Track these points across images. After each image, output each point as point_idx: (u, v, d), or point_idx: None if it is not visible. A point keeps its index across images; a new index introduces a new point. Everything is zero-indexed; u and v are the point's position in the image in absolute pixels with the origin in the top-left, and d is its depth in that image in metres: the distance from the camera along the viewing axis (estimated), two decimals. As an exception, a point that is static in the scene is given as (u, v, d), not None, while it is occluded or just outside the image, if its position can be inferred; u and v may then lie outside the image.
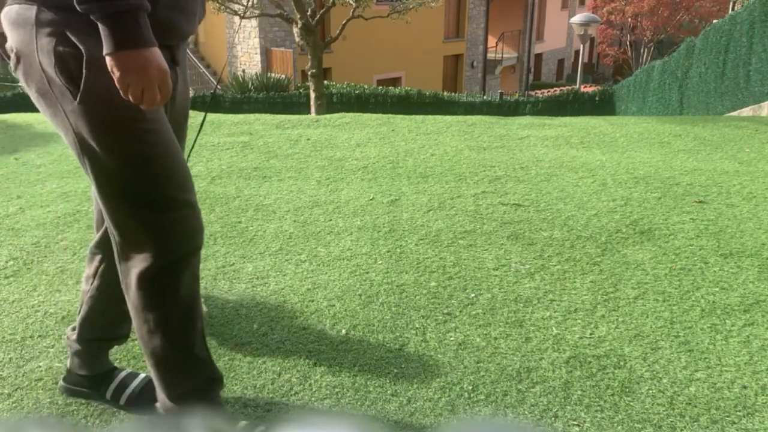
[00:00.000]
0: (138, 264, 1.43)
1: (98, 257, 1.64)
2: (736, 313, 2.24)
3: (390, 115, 6.03)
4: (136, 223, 1.40)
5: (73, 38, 1.27)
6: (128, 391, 1.73)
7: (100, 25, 1.20)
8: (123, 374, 1.77)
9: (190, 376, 1.54)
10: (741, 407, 1.75)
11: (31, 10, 1.29)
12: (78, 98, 1.29)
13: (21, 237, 2.97)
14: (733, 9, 13.90)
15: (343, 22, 11.52)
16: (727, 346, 2.04)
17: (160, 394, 1.56)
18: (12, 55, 1.35)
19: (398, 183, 3.80)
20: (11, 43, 1.35)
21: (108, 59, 1.21)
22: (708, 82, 10.33)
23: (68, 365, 1.78)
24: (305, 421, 0.41)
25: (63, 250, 2.82)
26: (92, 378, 1.75)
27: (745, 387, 1.84)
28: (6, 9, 1.35)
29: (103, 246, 1.61)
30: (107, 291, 1.63)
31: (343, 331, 2.14)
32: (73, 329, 1.73)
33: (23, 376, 1.89)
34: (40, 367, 1.94)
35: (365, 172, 4.06)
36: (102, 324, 1.69)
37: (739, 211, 3.27)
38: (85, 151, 1.36)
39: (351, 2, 11.37)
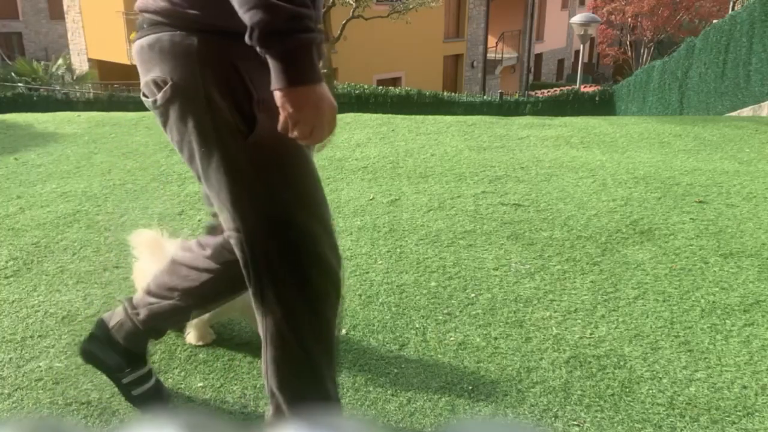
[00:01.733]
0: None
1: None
2: (736, 313, 2.24)
3: (390, 115, 6.03)
4: (274, 249, 1.34)
5: (243, 73, 1.21)
6: (146, 386, 1.69)
7: (272, 60, 1.12)
8: (148, 368, 1.73)
9: None
10: (741, 407, 1.75)
11: (191, 39, 1.20)
12: (250, 137, 1.23)
13: (21, 237, 2.97)
14: (733, 9, 13.90)
15: (343, 22, 11.52)
16: (727, 346, 2.04)
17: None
18: (166, 88, 1.24)
19: (398, 183, 3.80)
20: (163, 75, 1.24)
21: (279, 94, 1.14)
22: (708, 82, 10.33)
23: (104, 328, 1.67)
24: (305, 421, 0.41)
25: (63, 250, 2.82)
26: (129, 354, 1.67)
27: (745, 387, 1.84)
28: (153, 37, 1.24)
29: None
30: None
31: (343, 331, 2.14)
32: (134, 308, 1.64)
33: (23, 376, 1.89)
34: (40, 367, 1.94)
35: (365, 172, 4.06)
36: (177, 322, 1.69)
37: (739, 211, 3.27)
38: (242, 187, 1.28)
39: (351, 2, 11.37)
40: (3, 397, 1.80)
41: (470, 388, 1.84)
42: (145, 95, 1.32)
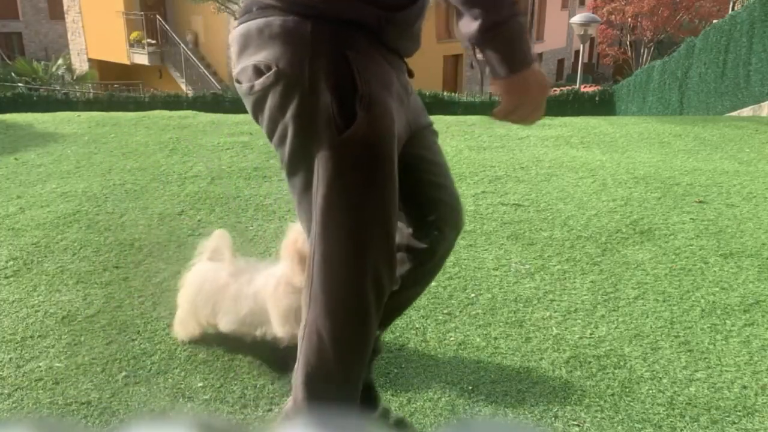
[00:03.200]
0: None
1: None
2: (736, 313, 2.24)
3: (390, 115, 6.02)
4: (340, 245, 1.31)
5: (353, 64, 1.17)
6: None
7: (493, 51, 1.12)
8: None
9: None
10: (741, 407, 1.75)
11: (305, 25, 1.16)
12: (345, 133, 1.20)
13: (21, 237, 2.97)
14: (733, 9, 13.90)
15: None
16: (727, 346, 2.04)
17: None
18: (270, 73, 1.19)
19: (398, 183, 3.80)
20: (268, 60, 1.19)
21: (504, 82, 1.15)
22: (708, 82, 10.33)
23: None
24: (306, 421, 0.41)
25: (63, 250, 2.82)
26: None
27: (745, 387, 1.84)
28: (262, 21, 1.19)
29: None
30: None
31: (343, 331, 2.13)
32: None
33: (23, 376, 1.89)
34: (40, 367, 1.94)
35: (365, 172, 4.06)
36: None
37: (739, 211, 3.27)
38: (322, 182, 1.25)
39: (351, 2, 11.37)
40: (3, 397, 1.80)
41: (470, 388, 1.84)
42: (238, 81, 1.27)
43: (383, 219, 1.29)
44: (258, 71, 1.21)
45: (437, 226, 1.50)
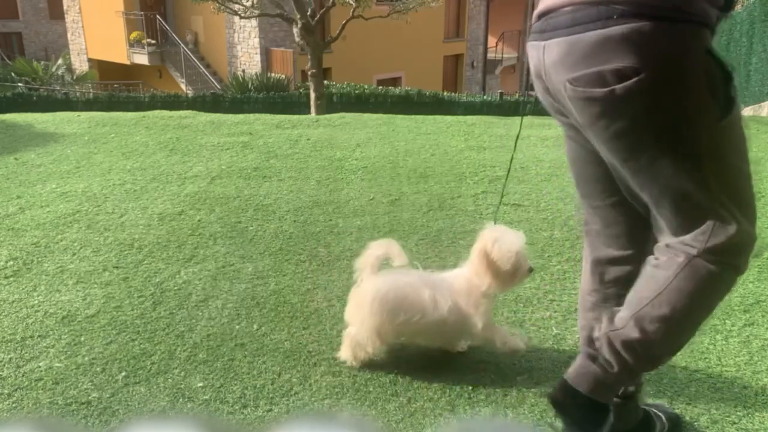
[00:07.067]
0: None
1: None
2: (736, 313, 2.24)
3: (390, 115, 6.03)
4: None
5: (717, 58, 1.25)
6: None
7: None
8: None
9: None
10: (741, 407, 1.75)
11: (676, 28, 1.23)
12: (723, 120, 1.28)
13: (21, 237, 2.97)
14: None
15: (343, 22, 11.51)
16: (727, 346, 2.04)
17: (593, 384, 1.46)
18: (640, 77, 1.23)
19: (398, 183, 3.80)
20: (636, 64, 1.23)
21: None
22: (708, 82, 10.31)
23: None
24: (305, 421, 0.41)
25: (63, 250, 2.82)
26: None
27: (745, 387, 1.84)
28: (624, 28, 1.23)
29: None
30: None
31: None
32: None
33: (23, 376, 1.89)
34: (40, 367, 1.94)
35: (365, 172, 4.06)
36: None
37: (739, 211, 3.26)
38: (708, 172, 1.31)
39: (351, 2, 11.36)
40: (3, 397, 1.80)
41: (470, 388, 1.84)
42: (587, 86, 1.30)
43: (750, 189, 1.40)
44: (620, 76, 1.25)
45: None
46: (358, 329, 1.89)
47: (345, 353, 1.93)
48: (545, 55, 1.36)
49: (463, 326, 1.87)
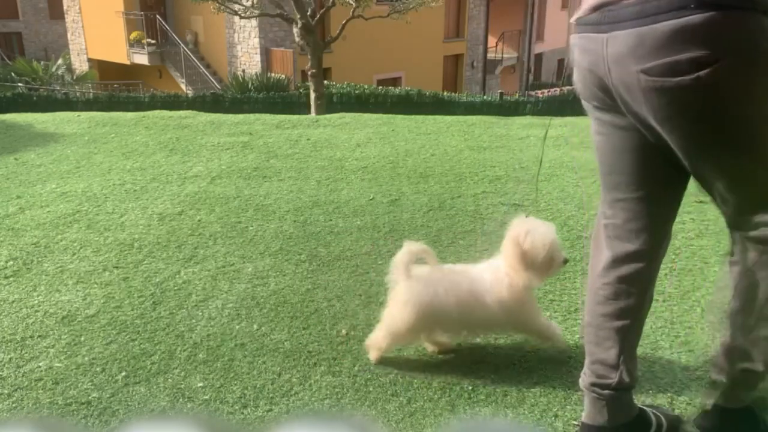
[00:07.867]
0: None
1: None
2: (736, 313, 2.24)
3: (390, 115, 6.03)
4: None
5: None
6: None
7: None
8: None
9: None
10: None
11: (751, 16, 1.27)
12: None
13: (21, 237, 2.97)
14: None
15: (343, 22, 11.52)
16: (727, 346, 2.04)
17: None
18: (724, 62, 1.27)
19: (398, 183, 3.80)
20: (717, 52, 1.27)
21: None
22: (708, 82, 10.31)
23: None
24: (305, 421, 0.41)
25: (63, 250, 2.82)
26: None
27: (745, 387, 1.83)
28: (701, 17, 1.25)
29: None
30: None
31: (343, 331, 2.14)
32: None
33: (23, 376, 1.89)
34: (40, 367, 1.94)
35: (365, 172, 4.06)
36: None
37: (739, 211, 3.26)
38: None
39: (351, 2, 11.36)
40: (3, 397, 1.80)
41: (470, 388, 1.84)
42: (664, 75, 1.31)
43: None
44: (698, 63, 1.27)
45: None
46: (399, 324, 1.87)
47: (374, 342, 1.93)
48: (608, 48, 1.36)
49: (508, 319, 1.88)
